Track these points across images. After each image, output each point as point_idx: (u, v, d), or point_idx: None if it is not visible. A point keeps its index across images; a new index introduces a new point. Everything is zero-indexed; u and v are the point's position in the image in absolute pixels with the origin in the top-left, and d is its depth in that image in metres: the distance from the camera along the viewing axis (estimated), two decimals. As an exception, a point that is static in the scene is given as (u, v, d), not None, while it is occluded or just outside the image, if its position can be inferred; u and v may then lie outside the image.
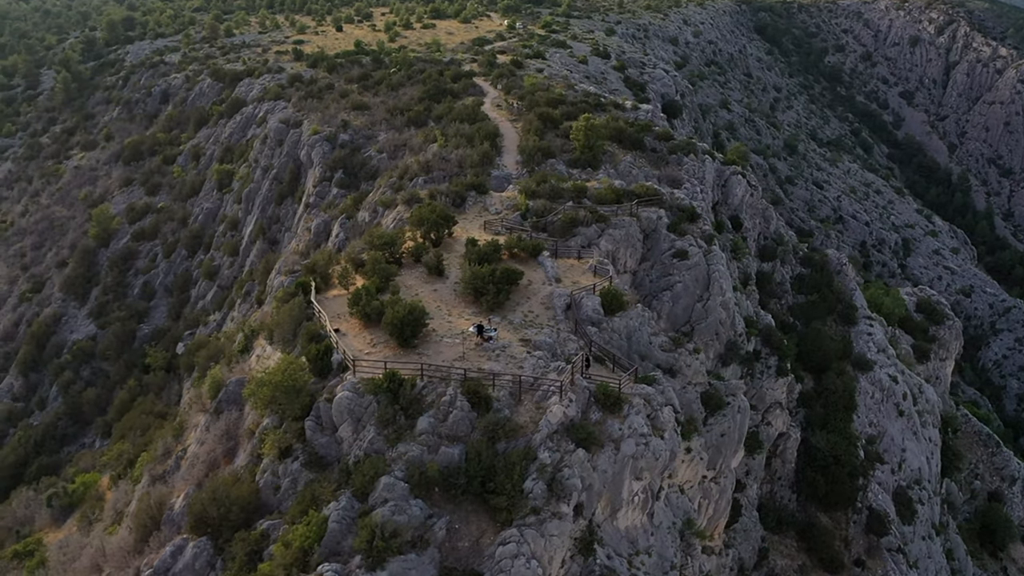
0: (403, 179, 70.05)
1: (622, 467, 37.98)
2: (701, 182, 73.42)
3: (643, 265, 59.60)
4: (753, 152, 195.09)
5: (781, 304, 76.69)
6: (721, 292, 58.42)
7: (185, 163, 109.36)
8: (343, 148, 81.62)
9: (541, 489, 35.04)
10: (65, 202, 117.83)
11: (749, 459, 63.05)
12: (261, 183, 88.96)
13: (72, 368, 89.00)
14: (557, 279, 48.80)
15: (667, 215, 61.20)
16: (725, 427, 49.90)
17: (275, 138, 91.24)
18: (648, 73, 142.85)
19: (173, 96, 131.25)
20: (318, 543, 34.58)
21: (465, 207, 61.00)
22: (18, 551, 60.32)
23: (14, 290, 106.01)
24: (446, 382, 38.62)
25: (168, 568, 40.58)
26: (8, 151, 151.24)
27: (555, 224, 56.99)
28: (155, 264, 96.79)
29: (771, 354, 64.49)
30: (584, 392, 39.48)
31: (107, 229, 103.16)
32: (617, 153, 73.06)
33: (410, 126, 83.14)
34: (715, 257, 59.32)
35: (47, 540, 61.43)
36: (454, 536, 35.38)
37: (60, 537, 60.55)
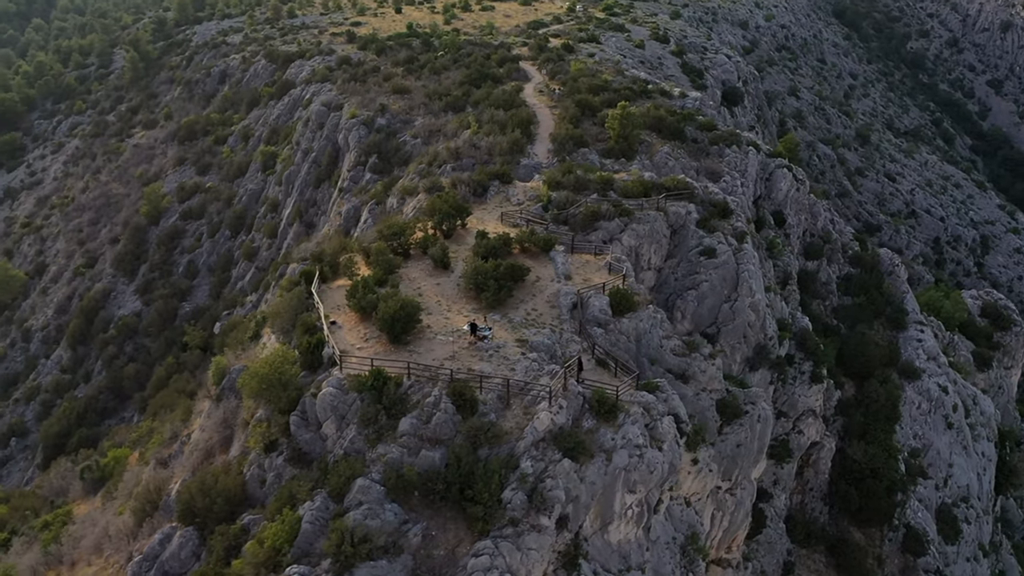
0: (432, 166, 68.82)
1: (613, 479, 36.12)
2: (743, 175, 70.09)
3: (669, 262, 57.07)
4: (821, 142, 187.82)
5: (825, 306, 72.94)
6: (750, 293, 55.54)
7: (235, 144, 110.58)
8: (379, 132, 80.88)
9: (521, 500, 33.51)
10: (122, 180, 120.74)
11: (777, 468, 60.27)
12: (301, 166, 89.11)
13: (116, 343, 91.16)
14: (567, 276, 46.88)
15: (697, 210, 58.43)
16: (742, 437, 47.34)
17: (316, 121, 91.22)
18: (709, 59, 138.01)
19: (230, 77, 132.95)
20: (291, 543, 33.89)
21: (487, 197, 59.42)
22: (47, 521, 61.65)
23: (70, 264, 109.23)
24: (433, 382, 37.33)
25: (157, 555, 40.59)
26: (77, 128, 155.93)
27: (576, 217, 54.95)
28: (200, 243, 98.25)
29: (805, 359, 61.27)
30: (577, 398, 37.69)
31: (158, 207, 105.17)
32: (655, 143, 70.27)
33: (448, 111, 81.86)
34: (746, 256, 56.38)
35: (76, 512, 62.63)
36: (430, 543, 34.17)
37: (86, 511, 61.77)
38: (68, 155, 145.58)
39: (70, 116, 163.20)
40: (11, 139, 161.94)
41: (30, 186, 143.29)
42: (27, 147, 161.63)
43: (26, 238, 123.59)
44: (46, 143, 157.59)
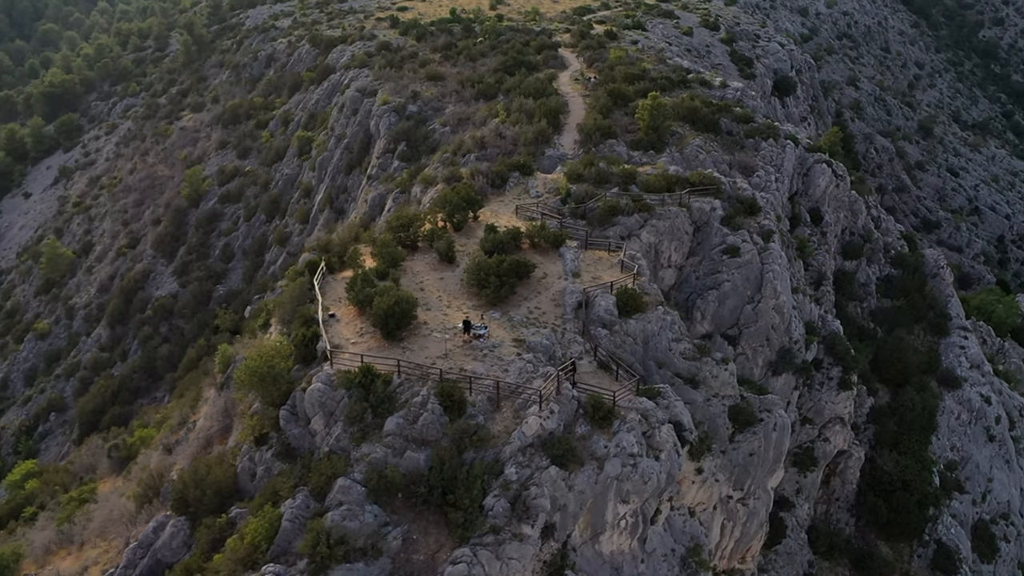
0: (456, 155, 67.77)
1: (605, 488, 34.77)
2: (778, 170, 67.35)
3: (690, 260, 55.07)
4: (880, 134, 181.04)
5: (862, 308, 69.88)
6: (774, 294, 53.24)
7: (275, 128, 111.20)
8: (409, 120, 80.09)
9: (503, 507, 32.45)
10: (168, 162, 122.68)
11: (800, 476, 58.00)
12: (333, 152, 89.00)
13: (152, 324, 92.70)
14: (575, 274, 45.42)
15: (722, 206, 56.23)
16: (755, 446, 45.36)
17: (350, 107, 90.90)
18: (761, 47, 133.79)
19: (276, 61, 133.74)
20: (270, 540, 33.42)
21: (506, 188, 58.14)
22: (72, 498, 62.80)
23: (114, 244, 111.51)
24: (423, 381, 36.41)
25: (151, 543, 40.68)
26: (131, 110, 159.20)
27: (595, 212, 53.32)
28: (236, 227, 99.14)
29: (834, 364, 58.68)
30: (571, 403, 36.36)
31: (198, 190, 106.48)
32: (687, 135, 67.94)
33: (479, 99, 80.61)
34: (771, 255, 54.04)
35: (100, 490, 63.65)
36: (410, 547, 33.36)
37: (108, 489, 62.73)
38: (120, 136, 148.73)
39: (125, 98, 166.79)
40: (69, 120, 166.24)
41: (84, 166, 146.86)
42: (84, 128, 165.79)
43: (76, 217, 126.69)
44: (101, 124, 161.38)
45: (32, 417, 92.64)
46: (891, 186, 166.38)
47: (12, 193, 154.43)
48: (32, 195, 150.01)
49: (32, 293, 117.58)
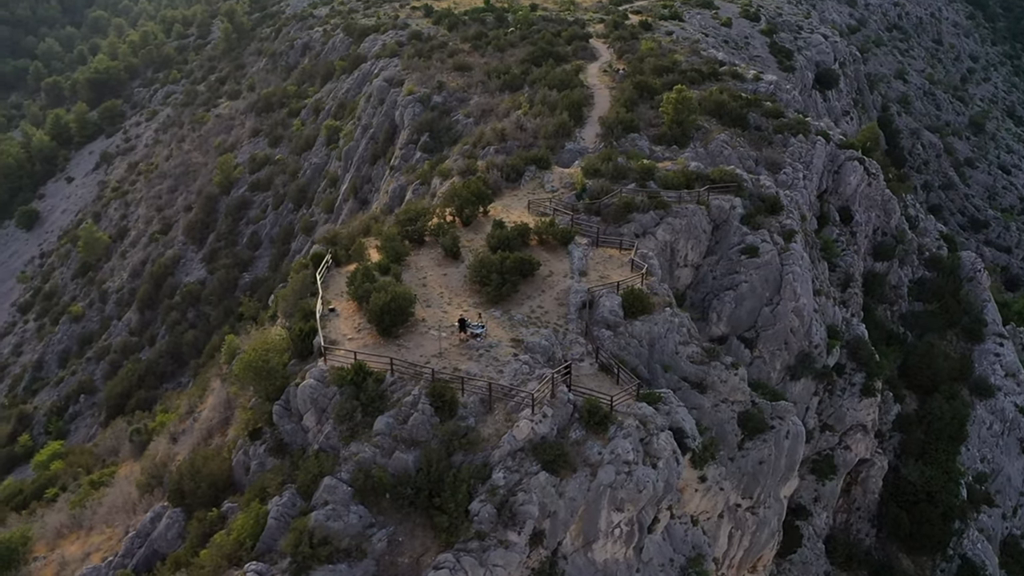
0: (476, 147, 66.93)
1: (598, 496, 33.78)
2: (807, 167, 65.25)
3: (708, 260, 53.58)
4: (927, 129, 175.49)
5: (892, 311, 67.51)
6: (794, 296, 51.54)
7: (306, 117, 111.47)
8: (433, 110, 79.42)
9: (489, 513, 31.67)
10: (202, 148, 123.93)
11: (818, 484, 56.29)
12: (360, 141, 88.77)
13: (180, 309, 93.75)
14: (582, 272, 44.31)
15: (743, 204, 54.56)
16: (765, 454, 43.90)
17: (378, 96, 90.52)
18: (803, 38, 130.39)
19: (311, 50, 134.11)
20: (255, 537, 33.15)
21: (521, 183, 57.11)
22: (93, 480, 63.65)
23: (148, 230, 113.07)
24: (416, 380, 35.74)
25: (148, 533, 40.84)
26: (171, 97, 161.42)
27: (610, 208, 52.08)
28: (265, 215, 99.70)
29: (857, 370, 56.69)
30: (566, 407, 35.39)
31: (229, 177, 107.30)
32: (713, 130, 66.14)
33: (505, 90, 79.56)
34: (792, 256, 52.29)
35: (119, 474, 64.41)
36: (396, 550, 32.81)
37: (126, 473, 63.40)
38: (160, 123, 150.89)
39: (166, 85, 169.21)
40: (112, 106, 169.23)
41: (124, 152, 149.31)
42: (126, 114, 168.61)
43: (113, 202, 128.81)
44: (142, 111, 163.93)
45: (63, 398, 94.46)
46: (937, 183, 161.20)
47: (56, 177, 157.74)
48: (74, 179, 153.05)
49: (70, 276, 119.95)
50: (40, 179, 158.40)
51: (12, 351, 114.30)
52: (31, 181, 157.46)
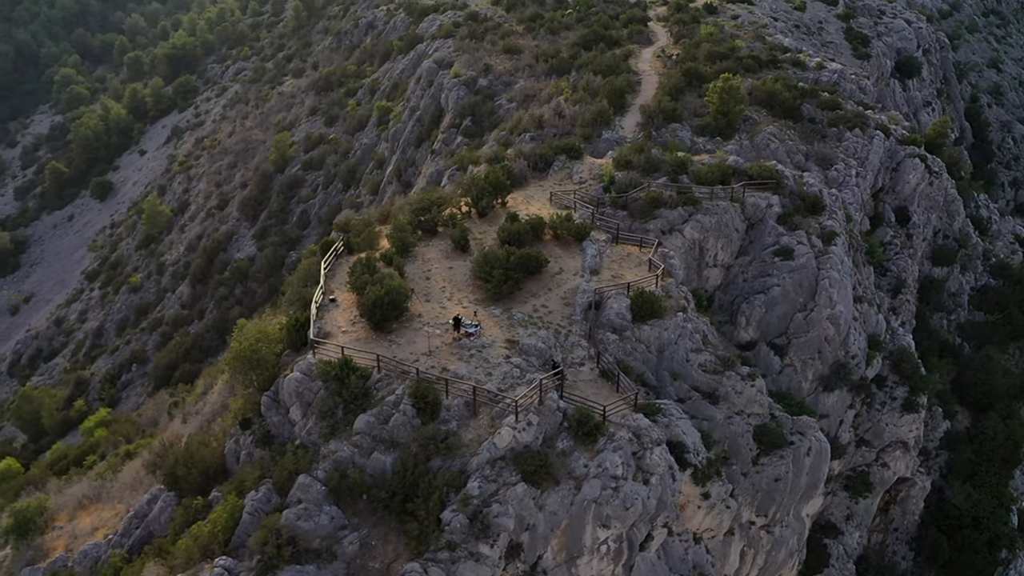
0: (512, 134, 65.22)
1: (582, 510, 32.11)
2: (861, 164, 61.32)
3: (740, 260, 50.77)
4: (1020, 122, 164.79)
5: (950, 321, 63.16)
6: (830, 303, 48.38)
7: (362, 97, 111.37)
8: (478, 94, 77.84)
9: (461, 523, 30.39)
10: (263, 126, 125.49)
11: (851, 502, 53.18)
12: (407, 123, 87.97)
13: (228, 285, 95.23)
14: (594, 271, 42.29)
15: (781, 203, 51.43)
16: (781, 471, 41.35)
17: (427, 78, 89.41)
18: (884, 24, 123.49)
19: (373, 29, 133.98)
20: (229, 531, 32.71)
21: (549, 173, 55.19)
22: (129, 451, 65.07)
23: (206, 205, 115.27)
24: (403, 379, 34.59)
25: (145, 515, 41.05)
26: (241, 74, 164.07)
27: (637, 202, 49.76)
28: (315, 194, 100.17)
29: (900, 383, 53.09)
30: (555, 415, 33.71)
31: (284, 155, 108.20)
32: (761, 122, 62.69)
33: (551, 74, 77.35)
34: (830, 260, 49.04)
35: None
36: (368, 553, 31.91)
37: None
38: (228, 99, 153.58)
39: (237, 61, 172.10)
40: (186, 81, 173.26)
41: (193, 127, 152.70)
42: (199, 89, 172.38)
43: (178, 176, 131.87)
44: (214, 86, 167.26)
45: (117, 366, 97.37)
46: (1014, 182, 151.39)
47: (130, 150, 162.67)
48: (147, 152, 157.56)
49: (134, 247, 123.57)
50: (116, 151, 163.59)
51: (78, 317, 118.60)
52: (107, 153, 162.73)
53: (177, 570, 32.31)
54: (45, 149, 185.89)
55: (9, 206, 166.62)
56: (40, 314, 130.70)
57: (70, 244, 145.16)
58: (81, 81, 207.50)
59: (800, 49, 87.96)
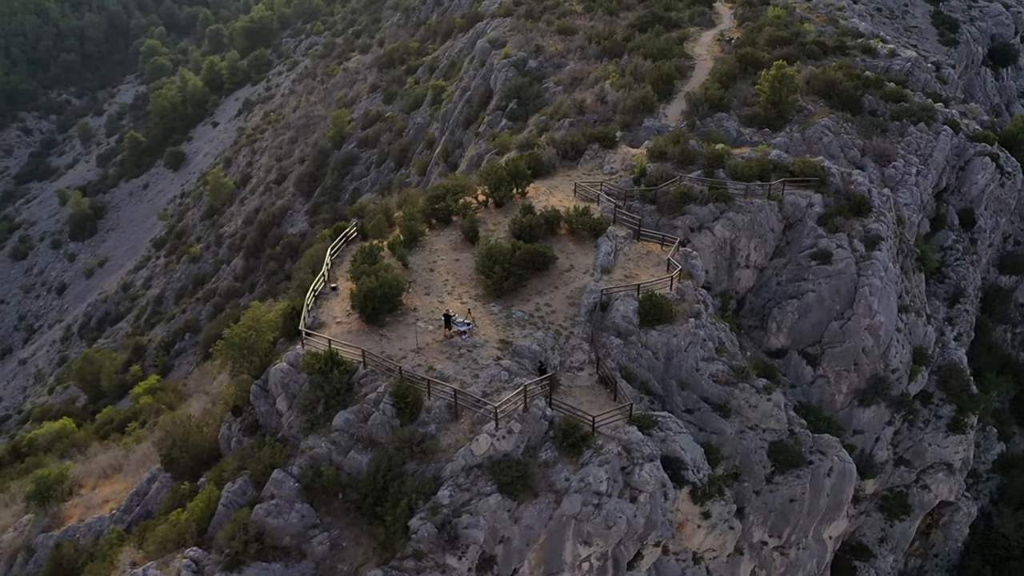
0: (552, 119, 63.07)
1: (561, 526, 30.50)
2: (924, 161, 56.95)
3: (775, 262, 47.75)
4: None
5: (1015, 334, 58.44)
6: (869, 312, 45.04)
7: (421, 75, 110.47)
8: (526, 76, 75.70)
9: (429, 531, 29.18)
10: (326, 102, 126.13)
11: (886, 524, 49.94)
12: (457, 104, 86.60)
13: (279, 260, 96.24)
14: (605, 269, 40.15)
15: (823, 202, 48.06)
16: (797, 492, 38.74)
17: (479, 58, 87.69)
18: (978, 8, 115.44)
19: (440, 5, 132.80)
20: (203, 521, 32.37)
21: (580, 162, 52.97)
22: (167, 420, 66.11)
23: (266, 179, 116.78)
24: (387, 376, 33.44)
25: (144, 493, 41.33)
26: (312, 48, 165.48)
27: (666, 197, 47.22)
28: (368, 172, 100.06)
29: (947, 401, 49.34)
30: (540, 423, 32.04)
31: (341, 132, 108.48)
32: (817, 113, 58.77)
33: (603, 57, 74.50)
34: (872, 266, 45.58)
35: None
36: (338, 555, 31.10)
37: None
38: (298, 74, 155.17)
39: (310, 36, 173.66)
40: (260, 55, 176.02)
41: (263, 100, 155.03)
42: (272, 63, 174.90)
43: (243, 149, 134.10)
44: (286, 60, 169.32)
45: (172, 334, 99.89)
46: None
47: (204, 121, 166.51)
48: (219, 124, 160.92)
49: (198, 217, 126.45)
50: (191, 122, 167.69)
51: (143, 284, 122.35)
52: (183, 124, 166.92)
53: (151, 556, 32.16)
54: (128, 118, 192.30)
55: (91, 172, 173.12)
56: (111, 278, 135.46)
57: (143, 212, 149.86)
58: (165, 52, 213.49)
59: (876, 34, 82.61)
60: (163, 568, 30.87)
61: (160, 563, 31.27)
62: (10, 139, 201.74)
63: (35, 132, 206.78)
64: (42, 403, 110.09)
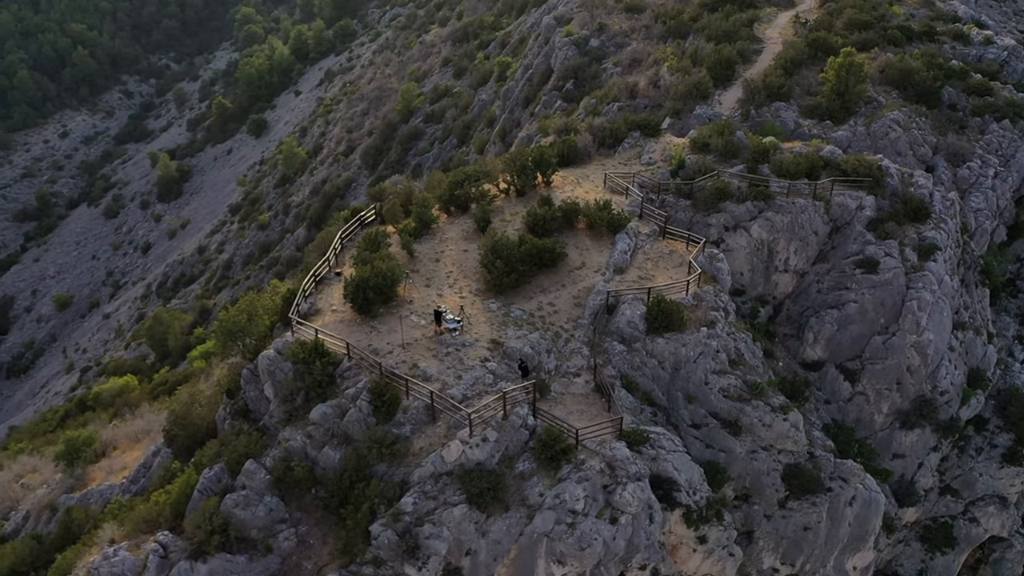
0: (601, 102, 60.37)
1: (532, 542, 28.86)
2: (1005, 163, 51.85)
3: (817, 267, 44.26)
4: None
5: (1097, 357, 52.82)
6: (916, 328, 41.27)
7: (493, 51, 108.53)
8: (586, 55, 72.83)
9: (390, 539, 28.05)
10: (400, 74, 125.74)
11: (926, 556, 46.24)
12: (519, 82, 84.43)
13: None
14: (619, 269, 37.79)
15: (875, 205, 44.16)
16: (812, 520, 35.92)
17: (544, 35, 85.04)
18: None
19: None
20: (178, 506, 32.14)
21: (618, 150, 50.33)
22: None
23: (336, 150, 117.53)
24: (370, 371, 32.28)
25: (149, 465, 41.78)
26: (395, 20, 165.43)
27: (703, 192, 44.30)
28: (431, 147, 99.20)
29: (1003, 429, 45.10)
30: (519, 432, 30.32)
31: (409, 106, 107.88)
32: (888, 105, 54.12)
33: (668, 37, 70.85)
34: (925, 279, 41.65)
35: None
36: (305, 552, 30.40)
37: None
38: (379, 45, 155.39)
39: (395, 7, 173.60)
40: (345, 25, 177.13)
41: (344, 71, 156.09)
42: (356, 33, 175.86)
43: (319, 119, 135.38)
44: (370, 31, 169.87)
45: (234, 300, 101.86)
46: None
47: (288, 90, 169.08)
48: (301, 93, 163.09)
49: (272, 185, 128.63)
50: (276, 90, 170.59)
51: (216, 248, 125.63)
52: (268, 92, 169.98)
53: (128, 536, 32.16)
54: (220, 84, 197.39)
55: (182, 136, 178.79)
56: (191, 240, 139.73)
57: (225, 177, 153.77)
58: (259, 20, 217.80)
59: (975, 18, 75.85)
60: (134, 550, 30.82)
61: (132, 544, 31.25)
62: (112, 101, 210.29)
63: (136, 95, 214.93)
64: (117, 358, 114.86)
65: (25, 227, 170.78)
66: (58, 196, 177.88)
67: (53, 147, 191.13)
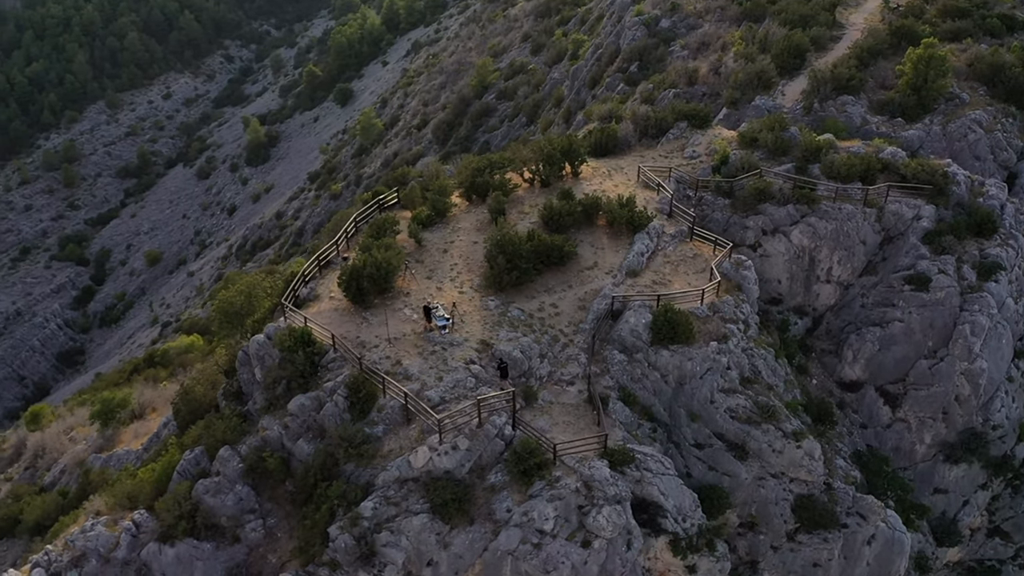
0: (658, 88, 57.30)
1: (497, 559, 27.43)
2: (1100, 172, 46.45)
3: (863, 280, 40.64)
4: None
5: None
6: (968, 355, 37.43)
7: (572, 28, 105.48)
8: (653, 37, 69.36)
9: (347, 543, 27.11)
10: (480, 48, 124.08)
11: (967, 601, 42.31)
12: (588, 61, 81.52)
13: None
14: (632, 272, 35.43)
15: (934, 215, 40.10)
16: (822, 557, 33.14)
17: (618, 13, 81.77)
18: None
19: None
20: (158, 484, 32.14)
21: (661, 141, 47.43)
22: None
23: (411, 123, 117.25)
24: (353, 364, 31.26)
25: (160, 436, 42.27)
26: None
27: (742, 191, 41.23)
28: (500, 125, 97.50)
29: (1066, 473, 40.50)
30: (494, 442, 28.74)
31: (484, 82, 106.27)
32: (972, 102, 49.17)
33: (743, 20, 66.56)
34: (982, 301, 37.65)
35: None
36: (272, 544, 29.96)
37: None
38: (466, 17, 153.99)
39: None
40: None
41: (431, 43, 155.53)
42: (447, 5, 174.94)
43: (399, 91, 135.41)
44: (460, 3, 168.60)
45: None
46: None
47: (376, 60, 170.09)
48: (388, 64, 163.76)
49: (350, 155, 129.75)
50: (365, 60, 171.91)
51: (292, 214, 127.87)
52: (357, 61, 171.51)
53: (111, 511, 32.39)
54: (315, 52, 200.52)
55: (274, 102, 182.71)
56: (272, 205, 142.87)
57: (309, 144, 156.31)
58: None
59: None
60: (110, 526, 31.00)
61: (111, 520, 31.45)
62: (214, 65, 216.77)
63: (236, 60, 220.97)
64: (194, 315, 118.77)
65: (126, 183, 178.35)
66: (158, 155, 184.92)
67: (156, 107, 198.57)
